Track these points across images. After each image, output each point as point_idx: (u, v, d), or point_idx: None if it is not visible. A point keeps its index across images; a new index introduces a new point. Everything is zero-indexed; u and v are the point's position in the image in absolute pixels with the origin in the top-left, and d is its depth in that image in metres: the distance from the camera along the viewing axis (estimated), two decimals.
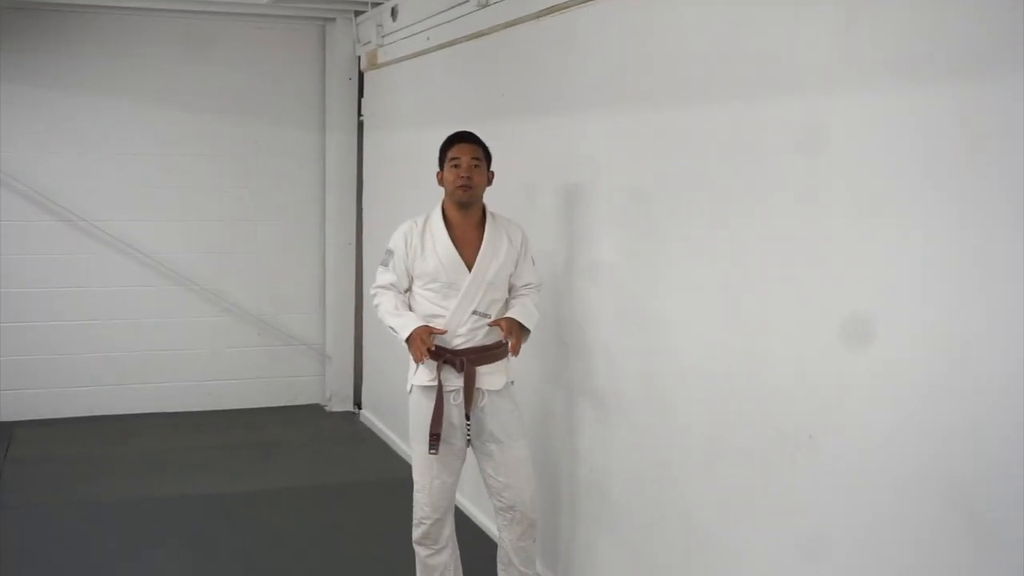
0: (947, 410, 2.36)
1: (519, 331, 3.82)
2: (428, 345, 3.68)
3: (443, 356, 3.76)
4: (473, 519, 5.09)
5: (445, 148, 3.87)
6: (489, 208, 3.92)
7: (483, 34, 4.89)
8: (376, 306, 3.91)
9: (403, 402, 6.14)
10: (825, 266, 2.73)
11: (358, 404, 7.43)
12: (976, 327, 2.28)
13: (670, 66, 3.44)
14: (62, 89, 6.80)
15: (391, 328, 3.82)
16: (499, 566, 4.09)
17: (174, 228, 7.13)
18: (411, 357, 3.78)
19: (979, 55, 2.27)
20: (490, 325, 3.80)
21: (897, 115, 2.48)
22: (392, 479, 5.87)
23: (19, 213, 6.76)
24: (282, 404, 7.49)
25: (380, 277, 3.93)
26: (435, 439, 3.76)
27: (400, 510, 5.25)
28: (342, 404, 7.48)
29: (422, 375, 3.81)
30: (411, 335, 3.71)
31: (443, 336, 3.76)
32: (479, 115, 4.79)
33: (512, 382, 3.92)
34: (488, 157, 3.88)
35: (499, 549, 4.09)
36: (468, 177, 3.77)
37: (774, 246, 2.92)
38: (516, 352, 3.81)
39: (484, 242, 3.81)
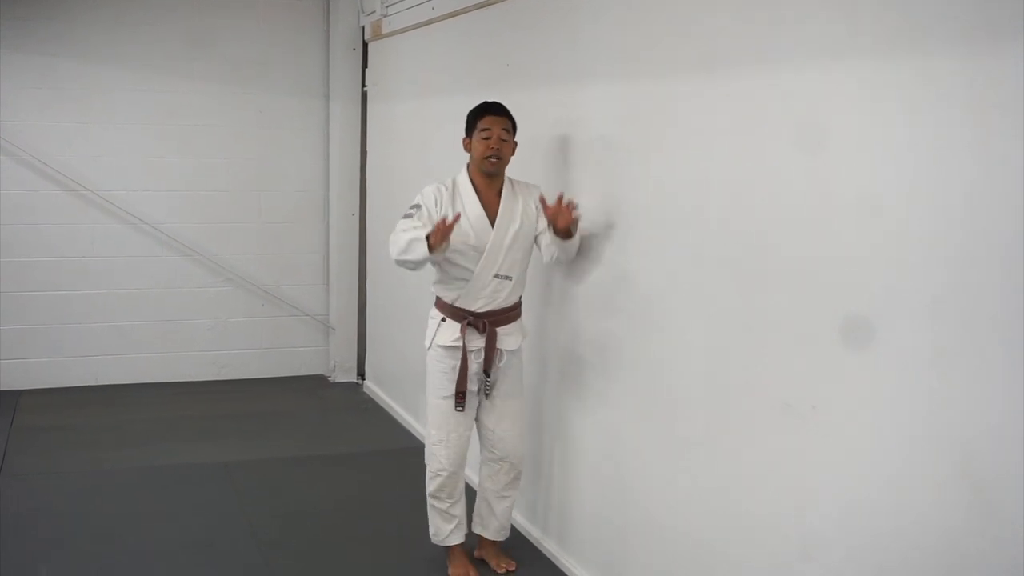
0: (950, 380, 2.36)
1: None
2: (449, 224, 3.68)
3: (467, 318, 3.91)
4: None
5: (474, 117, 3.97)
6: (508, 175, 4.03)
7: (488, 4, 4.86)
8: (391, 245, 3.85)
9: (406, 373, 6.23)
10: (829, 237, 2.73)
11: (361, 375, 7.45)
12: (980, 295, 2.29)
13: (675, 38, 3.43)
14: (65, 57, 6.77)
15: (408, 245, 3.75)
16: (474, 518, 4.28)
17: (178, 198, 7.12)
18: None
19: (987, 29, 2.26)
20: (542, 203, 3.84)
21: (900, 88, 2.48)
22: (396, 449, 5.92)
23: (23, 182, 6.75)
24: (285, 375, 7.51)
25: (401, 225, 3.88)
26: (461, 396, 3.96)
27: (404, 478, 5.31)
28: (345, 375, 7.50)
29: (445, 335, 3.96)
30: (429, 235, 3.69)
31: (465, 299, 3.91)
32: (483, 85, 4.78)
33: (525, 336, 4.10)
34: (515, 128, 4.00)
35: (478, 501, 4.27)
36: (498, 149, 3.90)
37: (777, 217, 2.92)
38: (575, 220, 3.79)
39: (501, 207, 3.94)
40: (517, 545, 4.44)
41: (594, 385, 4.02)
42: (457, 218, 3.77)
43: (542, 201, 3.86)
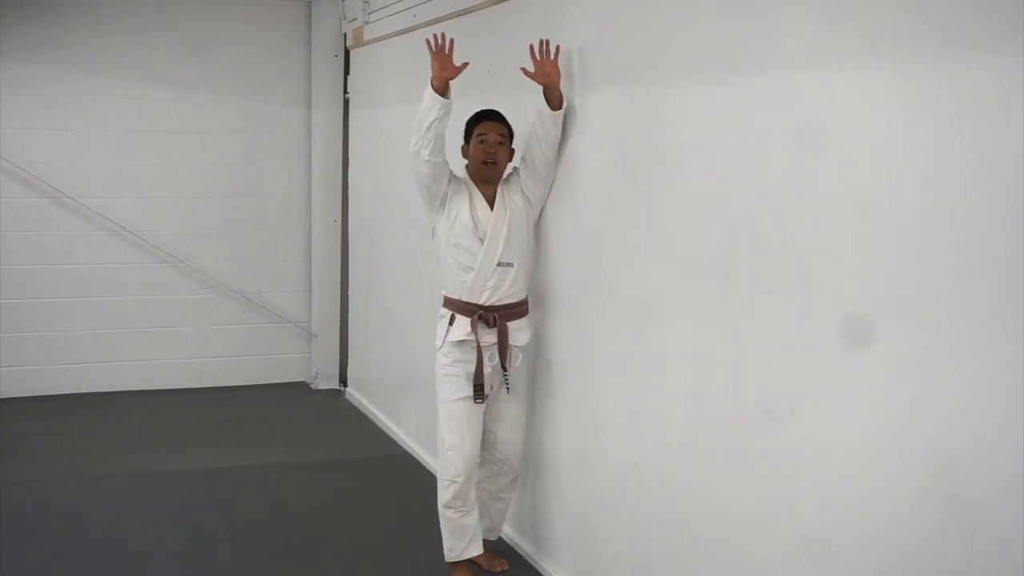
0: (932, 387, 2.37)
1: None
2: (448, 50, 3.98)
3: (476, 312, 3.97)
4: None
5: (472, 123, 4.09)
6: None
7: (470, 11, 4.88)
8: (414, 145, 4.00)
9: (388, 380, 6.23)
10: (812, 244, 2.74)
11: (343, 382, 7.44)
12: (969, 298, 2.29)
13: (656, 45, 3.45)
14: (47, 64, 6.76)
15: (422, 109, 3.97)
16: None
17: (160, 205, 7.11)
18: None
19: (972, 34, 2.28)
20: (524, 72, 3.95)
21: (897, 88, 2.50)
22: (378, 455, 5.92)
23: (5, 190, 6.73)
24: (268, 382, 7.50)
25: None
26: (479, 389, 4.00)
27: (387, 484, 5.32)
28: (328, 382, 7.49)
29: (457, 331, 4.01)
30: (432, 78, 3.95)
31: (472, 292, 3.97)
32: (464, 92, 4.78)
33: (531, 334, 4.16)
34: (511, 134, 4.09)
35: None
36: (493, 153, 4.02)
37: (760, 222, 2.94)
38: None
39: (496, 201, 4.05)
40: (497, 548, 4.44)
41: (575, 386, 4.04)
42: (451, 45, 3.96)
43: (525, 71, 3.92)
